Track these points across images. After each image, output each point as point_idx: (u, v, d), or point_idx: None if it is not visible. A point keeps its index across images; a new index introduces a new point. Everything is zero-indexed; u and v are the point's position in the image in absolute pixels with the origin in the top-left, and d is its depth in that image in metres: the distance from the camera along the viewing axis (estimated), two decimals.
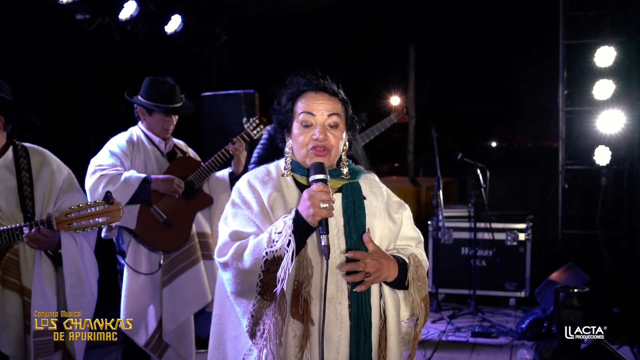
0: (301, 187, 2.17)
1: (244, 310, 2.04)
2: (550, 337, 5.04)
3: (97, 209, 2.73)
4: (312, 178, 2.07)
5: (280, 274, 1.95)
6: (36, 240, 2.71)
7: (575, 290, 4.52)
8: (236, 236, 2.09)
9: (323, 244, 1.99)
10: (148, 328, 3.88)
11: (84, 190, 3.47)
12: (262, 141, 5.09)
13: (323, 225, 2.00)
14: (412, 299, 2.19)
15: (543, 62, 7.82)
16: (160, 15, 6.41)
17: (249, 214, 2.12)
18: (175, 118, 4.01)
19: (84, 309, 2.91)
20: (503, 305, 6.40)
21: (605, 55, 6.46)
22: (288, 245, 1.96)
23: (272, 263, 1.96)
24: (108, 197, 2.74)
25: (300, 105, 2.18)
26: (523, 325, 5.34)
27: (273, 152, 5.03)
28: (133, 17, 5.89)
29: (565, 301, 4.45)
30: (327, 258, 1.99)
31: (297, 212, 2.02)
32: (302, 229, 2.00)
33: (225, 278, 2.09)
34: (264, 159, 5.04)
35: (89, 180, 3.68)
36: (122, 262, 3.85)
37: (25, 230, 2.71)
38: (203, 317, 4.58)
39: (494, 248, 6.31)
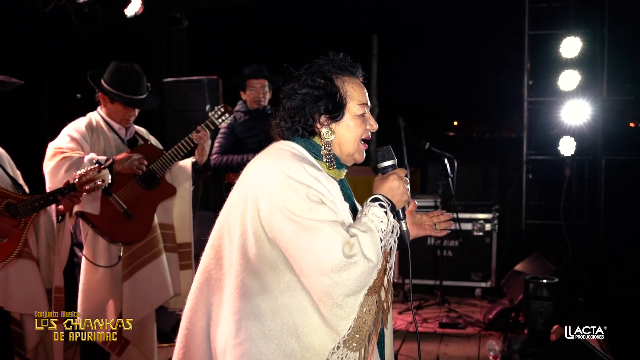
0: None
1: (348, 312, 1.79)
2: (518, 328, 5.03)
3: (95, 174, 3.00)
4: (386, 164, 2.01)
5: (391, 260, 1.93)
6: (70, 202, 3.01)
7: (545, 280, 4.50)
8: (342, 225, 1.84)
9: (405, 228, 1.99)
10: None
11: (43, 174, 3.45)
12: (223, 130, 4.91)
13: (403, 210, 1.99)
14: None
15: (507, 53, 7.86)
16: None
17: (330, 204, 1.84)
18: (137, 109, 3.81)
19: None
20: (469, 296, 6.40)
21: (570, 46, 6.46)
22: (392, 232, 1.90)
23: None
24: (99, 162, 3.12)
25: (353, 93, 1.99)
26: (490, 316, 5.32)
27: (235, 141, 4.89)
28: None
29: (535, 292, 4.43)
30: (409, 242, 2.03)
31: (386, 198, 1.92)
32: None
33: (340, 280, 1.74)
34: (226, 149, 4.89)
35: (49, 164, 3.49)
36: (80, 254, 3.66)
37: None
38: (165, 311, 4.40)
39: (460, 238, 6.29)
